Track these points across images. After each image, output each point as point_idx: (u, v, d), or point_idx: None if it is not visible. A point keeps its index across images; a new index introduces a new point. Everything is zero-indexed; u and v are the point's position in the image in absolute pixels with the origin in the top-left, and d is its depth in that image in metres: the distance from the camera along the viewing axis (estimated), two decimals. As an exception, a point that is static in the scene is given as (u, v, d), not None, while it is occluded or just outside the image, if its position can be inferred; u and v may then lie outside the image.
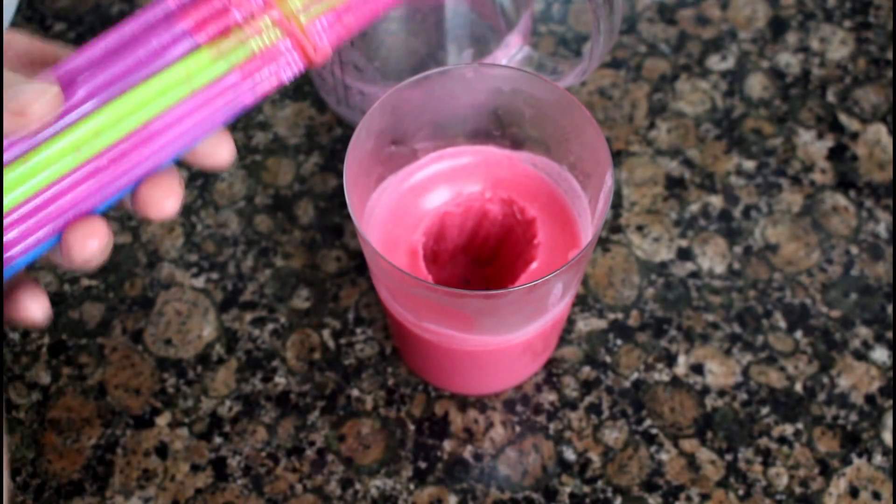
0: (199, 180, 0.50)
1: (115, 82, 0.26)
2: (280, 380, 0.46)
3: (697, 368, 0.46)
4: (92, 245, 0.27)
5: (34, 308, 0.28)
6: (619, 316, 0.47)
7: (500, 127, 0.41)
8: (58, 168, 0.27)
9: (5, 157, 0.26)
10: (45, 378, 0.46)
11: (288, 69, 0.28)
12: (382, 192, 0.41)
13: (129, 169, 0.28)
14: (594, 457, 0.44)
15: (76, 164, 0.27)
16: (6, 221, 0.27)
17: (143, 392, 0.46)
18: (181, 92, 0.27)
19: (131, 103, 0.27)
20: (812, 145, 0.51)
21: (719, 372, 0.46)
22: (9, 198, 0.27)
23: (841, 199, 0.50)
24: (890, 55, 0.54)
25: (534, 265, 0.39)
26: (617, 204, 0.50)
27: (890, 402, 0.45)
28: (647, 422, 0.45)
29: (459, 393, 0.45)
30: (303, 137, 0.51)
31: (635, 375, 0.46)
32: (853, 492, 0.43)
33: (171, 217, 0.29)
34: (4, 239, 0.27)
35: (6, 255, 0.27)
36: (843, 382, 0.45)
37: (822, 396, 0.45)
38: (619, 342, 0.46)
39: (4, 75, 0.26)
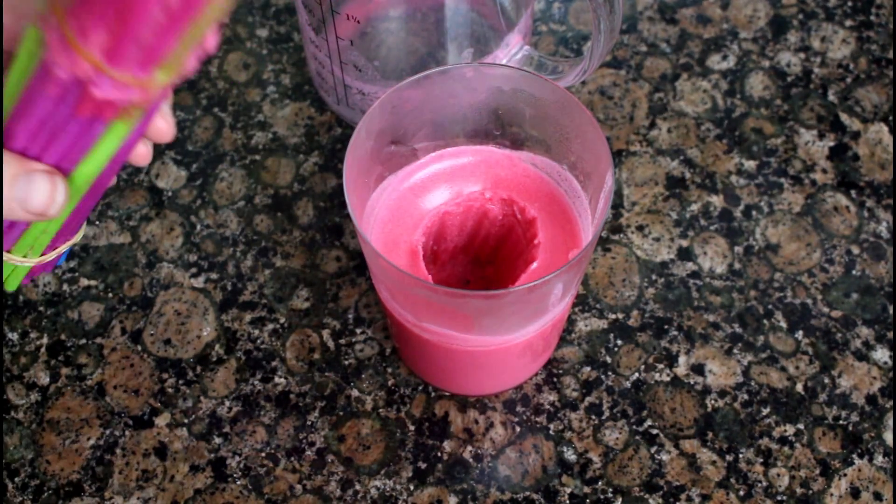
0: (198, 180, 0.50)
1: (62, 161, 0.29)
2: (280, 380, 0.46)
3: (698, 369, 0.46)
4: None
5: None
6: (620, 316, 0.47)
7: (500, 127, 0.41)
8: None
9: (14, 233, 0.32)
10: (43, 378, 0.46)
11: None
12: (382, 192, 0.41)
13: (106, 178, 0.32)
14: (594, 457, 0.44)
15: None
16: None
17: (142, 392, 0.45)
18: (118, 144, 0.29)
19: (86, 171, 0.30)
20: (813, 145, 0.51)
21: (720, 372, 0.45)
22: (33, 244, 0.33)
23: (842, 199, 0.50)
24: (891, 54, 0.54)
25: (534, 265, 0.39)
26: (617, 204, 0.50)
27: (891, 403, 0.45)
28: (648, 422, 0.45)
29: (459, 393, 0.45)
30: (302, 137, 0.51)
31: (636, 376, 0.46)
32: (854, 492, 0.43)
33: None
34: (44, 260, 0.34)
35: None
36: (844, 383, 0.45)
37: (823, 397, 0.45)
38: (619, 342, 0.46)
39: (5, 164, 0.28)
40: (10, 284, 0.35)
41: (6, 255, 0.33)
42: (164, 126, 0.31)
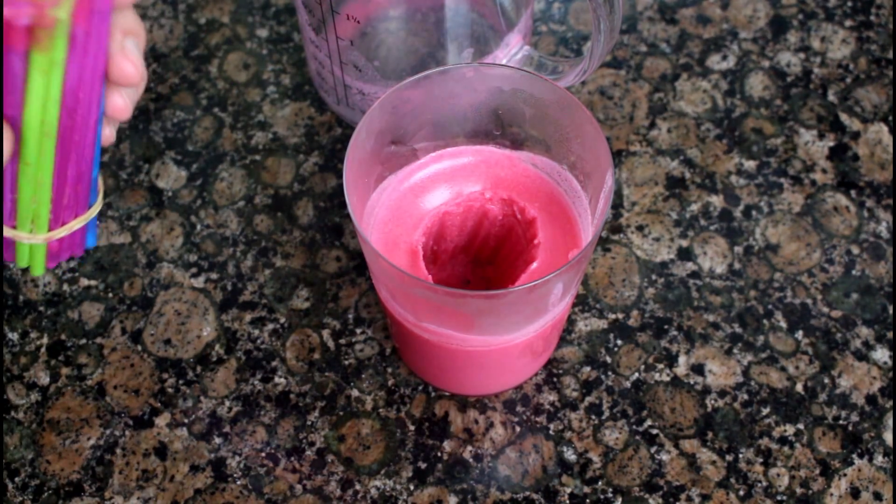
0: (198, 180, 0.50)
1: (7, 108, 0.28)
2: (280, 380, 0.46)
3: (698, 369, 0.46)
4: None
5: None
6: (620, 316, 0.47)
7: (500, 127, 0.41)
8: (46, 163, 0.31)
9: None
10: (43, 378, 0.46)
11: None
12: (382, 192, 0.41)
13: (86, 120, 0.30)
14: (594, 457, 0.44)
15: (52, 150, 0.30)
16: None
17: (142, 392, 0.45)
18: (51, 81, 0.28)
19: (31, 118, 0.29)
20: (813, 145, 0.51)
21: (720, 372, 0.46)
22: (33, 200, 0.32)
23: (842, 199, 0.50)
24: (891, 54, 0.54)
25: (534, 265, 0.39)
26: (617, 204, 0.50)
27: (891, 403, 0.45)
28: (648, 422, 0.45)
29: (459, 393, 0.45)
30: (302, 137, 0.51)
31: (636, 376, 0.46)
32: (854, 492, 0.43)
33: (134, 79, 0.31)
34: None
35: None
36: (844, 383, 0.45)
37: (822, 397, 0.45)
38: (619, 342, 0.46)
39: None
40: (37, 269, 0.35)
41: (14, 233, 0.33)
42: (129, 68, 0.30)
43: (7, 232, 0.33)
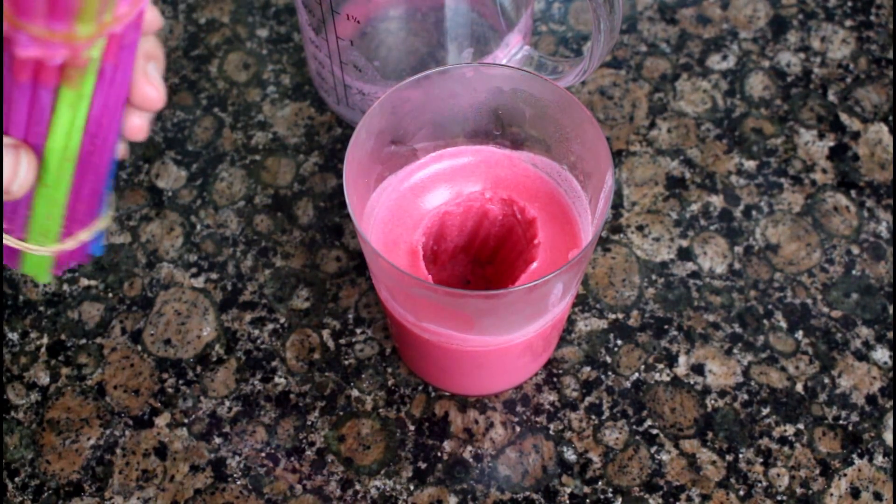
0: (198, 180, 0.50)
1: (28, 136, 0.29)
2: (280, 380, 0.46)
3: (698, 369, 0.46)
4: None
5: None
6: (620, 316, 0.47)
7: (500, 127, 0.41)
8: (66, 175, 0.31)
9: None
10: (43, 378, 0.46)
11: (135, 27, 0.28)
12: (382, 192, 0.41)
13: (106, 141, 0.31)
14: (594, 457, 0.44)
15: (71, 170, 0.30)
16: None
17: (142, 392, 0.45)
18: (77, 113, 0.28)
19: (55, 146, 0.29)
20: (813, 145, 0.51)
21: (720, 372, 0.46)
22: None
23: (842, 199, 0.50)
24: (891, 54, 0.54)
25: (534, 265, 0.39)
26: (617, 204, 0.50)
27: (891, 403, 0.45)
28: (648, 422, 0.45)
29: (459, 393, 0.45)
30: (302, 137, 0.51)
31: (636, 376, 0.46)
32: (854, 492, 0.43)
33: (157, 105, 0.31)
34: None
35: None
36: (844, 383, 0.45)
37: (822, 397, 0.45)
38: (619, 342, 0.46)
39: None
40: (42, 277, 0.35)
41: (23, 245, 0.33)
42: (152, 93, 0.30)
43: (16, 244, 0.33)
